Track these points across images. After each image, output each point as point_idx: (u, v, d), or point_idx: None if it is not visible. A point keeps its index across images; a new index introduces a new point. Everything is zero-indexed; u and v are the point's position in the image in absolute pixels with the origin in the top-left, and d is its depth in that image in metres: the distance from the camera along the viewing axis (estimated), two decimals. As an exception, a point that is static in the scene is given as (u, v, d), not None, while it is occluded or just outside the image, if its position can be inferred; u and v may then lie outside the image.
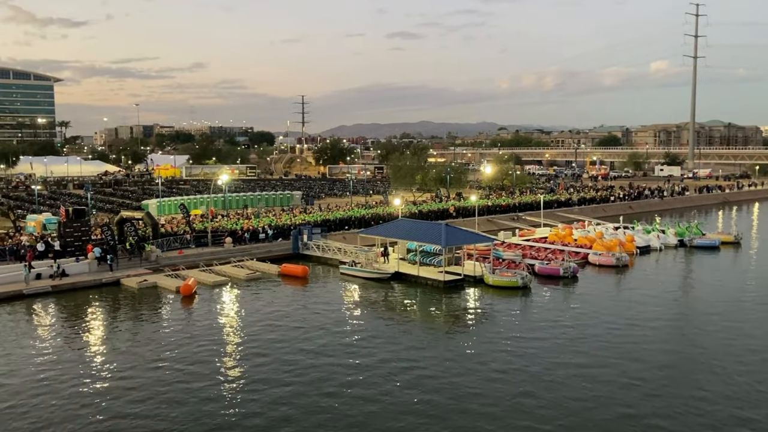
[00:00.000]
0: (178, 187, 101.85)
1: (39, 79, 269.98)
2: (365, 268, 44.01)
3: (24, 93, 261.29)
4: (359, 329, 31.55)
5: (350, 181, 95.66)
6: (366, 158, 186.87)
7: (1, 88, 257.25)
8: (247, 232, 52.63)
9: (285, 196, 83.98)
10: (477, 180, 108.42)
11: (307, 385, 24.05)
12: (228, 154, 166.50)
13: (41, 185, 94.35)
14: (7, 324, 33.26)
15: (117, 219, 50.44)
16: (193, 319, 33.89)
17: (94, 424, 20.82)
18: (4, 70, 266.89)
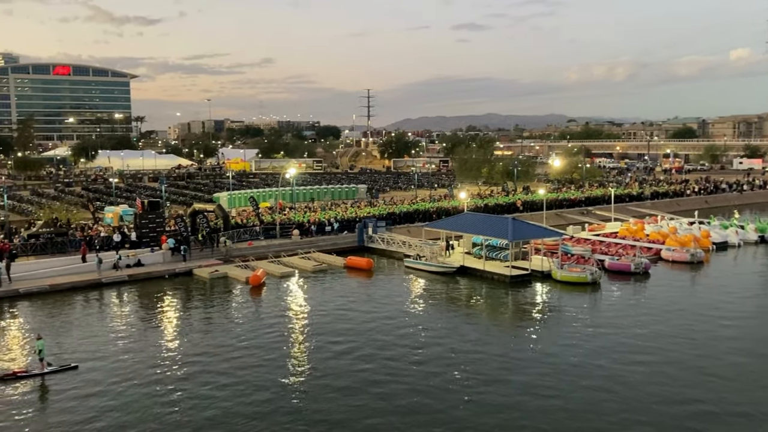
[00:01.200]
0: (247, 181, 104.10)
1: (116, 76, 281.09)
2: (430, 261, 43.95)
3: (102, 89, 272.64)
4: (424, 322, 31.56)
5: (415, 174, 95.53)
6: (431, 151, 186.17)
7: (81, 85, 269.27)
8: (313, 225, 53.39)
9: (350, 189, 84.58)
10: (545, 173, 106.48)
11: (371, 374, 24.23)
12: (295, 148, 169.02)
13: (118, 178, 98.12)
14: (86, 310, 34.92)
15: (190, 211, 52.06)
16: (261, 309, 34.66)
17: (168, 406, 21.59)
18: (84, 67, 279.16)
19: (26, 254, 43.22)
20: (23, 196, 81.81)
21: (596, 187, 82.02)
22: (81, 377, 24.48)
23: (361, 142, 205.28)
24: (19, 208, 70.44)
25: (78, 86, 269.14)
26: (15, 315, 34.00)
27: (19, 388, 23.53)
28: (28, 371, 24.77)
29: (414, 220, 58.34)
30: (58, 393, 23.10)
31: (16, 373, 24.58)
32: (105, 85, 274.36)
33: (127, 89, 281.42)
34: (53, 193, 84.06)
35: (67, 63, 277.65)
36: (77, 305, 35.88)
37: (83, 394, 22.81)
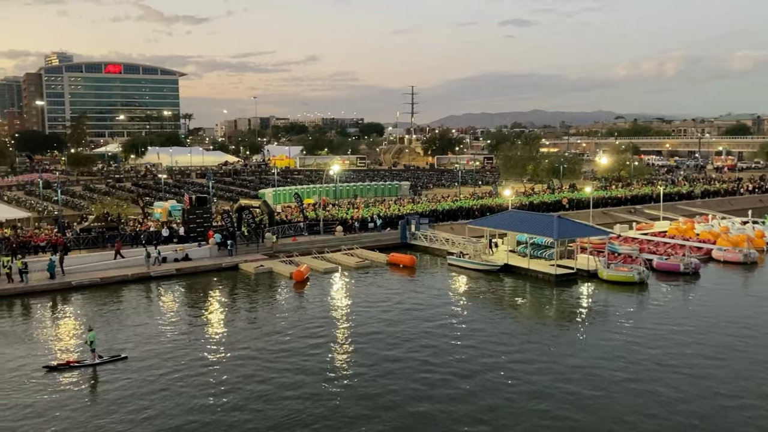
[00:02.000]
0: (292, 177, 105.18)
1: (165, 74, 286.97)
2: (473, 259, 43.68)
3: (152, 87, 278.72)
4: (467, 320, 31.40)
5: (459, 171, 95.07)
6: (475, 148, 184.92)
7: (131, 83, 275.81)
8: (356, 222, 53.64)
9: (393, 186, 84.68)
10: (592, 171, 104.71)
11: (412, 371, 24.22)
12: (339, 144, 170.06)
13: (167, 174, 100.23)
14: (136, 303, 35.81)
15: (236, 207, 52.88)
16: (305, 304, 34.99)
17: (213, 397, 21.99)
18: (134, 66, 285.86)
19: (79, 248, 44.53)
20: (76, 191, 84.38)
21: (644, 185, 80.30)
22: (130, 368, 25.11)
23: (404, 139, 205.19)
24: (72, 202, 72.62)
25: (128, 84, 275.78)
26: (68, 307, 35.09)
27: (71, 377, 24.27)
28: (80, 361, 25.53)
29: (457, 218, 58.09)
30: (108, 383, 23.76)
31: (69, 362, 25.36)
32: (154, 83, 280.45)
33: (176, 87, 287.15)
34: (104, 189, 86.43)
35: (118, 62, 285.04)
36: (127, 298, 36.82)
37: (132, 384, 23.40)
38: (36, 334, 30.02)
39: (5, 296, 36.26)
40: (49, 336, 29.78)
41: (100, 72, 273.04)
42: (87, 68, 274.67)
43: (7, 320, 32.51)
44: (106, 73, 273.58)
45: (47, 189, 75.90)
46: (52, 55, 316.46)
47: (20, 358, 26.32)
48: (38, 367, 25.05)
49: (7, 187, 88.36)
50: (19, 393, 22.68)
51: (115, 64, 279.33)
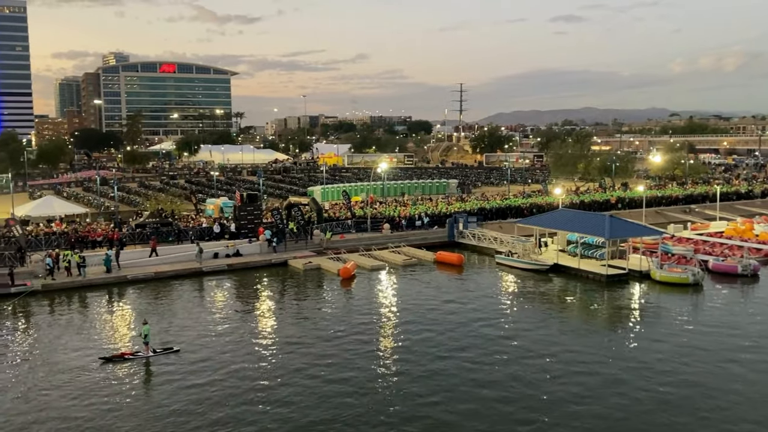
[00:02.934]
0: (340, 175, 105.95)
1: (217, 73, 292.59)
2: (522, 258, 43.21)
3: (204, 86, 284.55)
4: (516, 319, 31.11)
5: (508, 169, 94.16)
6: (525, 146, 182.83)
7: (185, 82, 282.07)
8: (404, 219, 53.66)
9: (441, 184, 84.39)
10: (645, 169, 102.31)
11: (459, 371, 24.11)
12: (387, 142, 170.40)
13: (219, 172, 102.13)
14: (188, 297, 36.66)
15: (286, 204, 53.56)
16: (352, 300, 35.21)
17: (261, 391, 22.35)
18: (188, 65, 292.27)
19: (134, 243, 45.77)
20: (132, 188, 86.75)
21: (700, 184, 78.04)
22: (182, 360, 25.72)
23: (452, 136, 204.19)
24: (128, 199, 74.70)
25: (182, 83, 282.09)
26: (123, 300, 36.14)
27: (126, 368, 24.99)
28: (134, 353, 26.27)
29: (506, 216, 57.55)
30: (160, 375, 24.38)
31: (124, 354, 26.13)
32: (207, 82, 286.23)
33: (228, 86, 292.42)
34: (159, 185, 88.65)
35: (172, 61, 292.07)
36: (180, 292, 37.70)
37: (183, 377, 23.95)
38: (93, 327, 31.01)
39: (64, 289, 37.57)
40: (105, 328, 30.73)
41: (154, 71, 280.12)
42: (142, 68, 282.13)
43: (66, 312, 33.69)
44: (160, 72, 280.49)
45: (104, 186, 78.26)
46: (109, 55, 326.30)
47: (78, 350, 27.23)
48: (95, 359, 25.87)
49: (66, 184, 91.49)
50: (77, 383, 23.46)
51: (169, 64, 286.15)
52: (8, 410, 21.25)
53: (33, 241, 43.50)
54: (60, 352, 26.97)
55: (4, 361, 26.08)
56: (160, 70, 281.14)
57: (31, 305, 34.48)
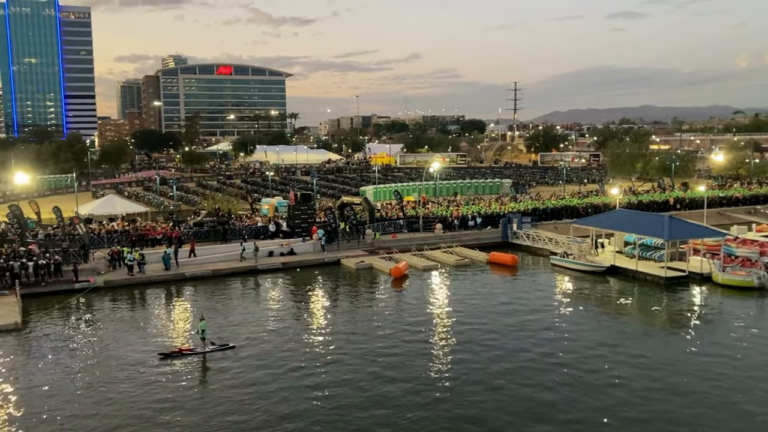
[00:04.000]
0: (392, 175, 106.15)
1: (273, 75, 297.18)
2: (578, 260, 42.41)
3: (260, 88, 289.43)
4: (572, 322, 30.55)
5: (563, 169, 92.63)
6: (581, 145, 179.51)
7: (241, 84, 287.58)
8: (456, 219, 53.37)
9: (495, 183, 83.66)
10: (707, 169, 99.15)
11: (512, 374, 23.82)
12: (440, 142, 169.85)
13: (274, 172, 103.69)
14: (244, 294, 37.36)
15: (338, 203, 53.96)
16: (404, 300, 35.21)
17: (315, 389, 22.56)
18: (244, 67, 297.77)
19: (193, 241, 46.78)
20: (190, 187, 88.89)
21: (766, 184, 75.07)
22: (238, 356, 26.18)
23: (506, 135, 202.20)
24: (186, 198, 76.58)
25: (238, 85, 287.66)
26: (181, 297, 37.04)
27: (184, 364, 25.59)
28: (191, 349, 26.88)
29: (561, 217, 56.62)
30: (217, 371, 24.87)
31: (182, 350, 26.76)
32: (263, 84, 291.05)
33: (283, 87, 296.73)
34: (216, 185, 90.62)
35: (229, 63, 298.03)
36: (235, 290, 38.43)
37: (240, 373, 24.38)
38: (152, 322, 31.89)
39: (125, 286, 38.75)
40: (164, 324, 31.55)
41: (212, 73, 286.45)
42: (200, 70, 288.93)
43: (127, 308, 34.74)
44: (217, 74, 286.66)
45: (163, 185, 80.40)
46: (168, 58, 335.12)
47: (138, 344, 28.04)
48: (154, 354, 26.57)
49: (127, 183, 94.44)
50: (138, 378, 24.14)
51: (226, 66, 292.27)
52: (72, 403, 22.02)
53: (96, 238, 45.01)
54: (121, 347, 27.81)
55: (68, 354, 27.06)
56: (217, 72, 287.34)
57: (93, 301, 35.69)
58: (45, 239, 43.56)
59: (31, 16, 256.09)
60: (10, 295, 34.72)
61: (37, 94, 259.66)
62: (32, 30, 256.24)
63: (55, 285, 37.42)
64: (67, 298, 35.50)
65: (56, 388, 23.26)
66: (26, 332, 30.06)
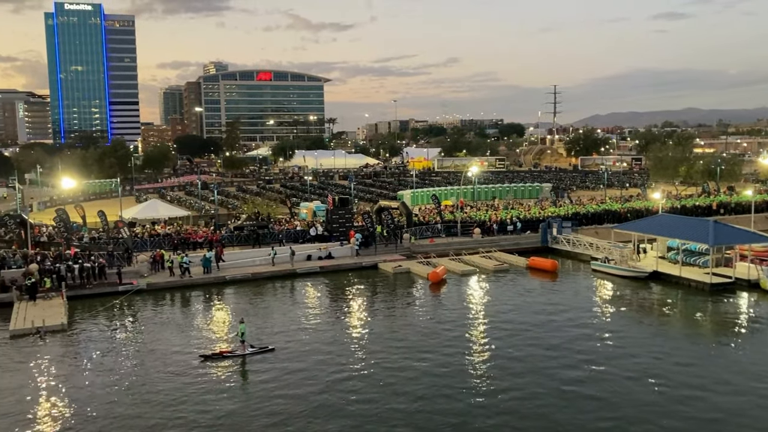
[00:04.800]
0: (430, 179, 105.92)
1: (312, 80, 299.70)
2: (620, 265, 41.67)
3: (299, 93, 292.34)
4: (612, 329, 30.00)
5: (604, 172, 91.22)
6: (622, 149, 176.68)
7: (280, 90, 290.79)
8: (495, 224, 52.95)
9: (534, 188, 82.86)
10: (754, 172, 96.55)
11: (551, 381, 23.49)
12: (478, 146, 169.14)
13: (312, 176, 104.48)
14: (282, 298, 37.70)
15: (376, 208, 54.04)
16: (442, 305, 35.06)
17: (351, 393, 22.59)
18: (283, 73, 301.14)
19: (232, 244, 47.48)
20: (230, 191, 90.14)
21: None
22: (277, 359, 26.39)
23: (546, 139, 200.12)
24: (227, 202, 77.61)
25: (278, 91, 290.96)
26: (221, 300, 37.52)
27: (224, 366, 25.89)
28: (232, 351, 27.19)
29: (602, 221, 55.71)
30: (257, 372, 25.10)
31: (222, 352, 27.08)
32: (301, 89, 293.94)
33: (321, 93, 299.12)
34: (255, 190, 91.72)
35: (268, 69, 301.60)
36: (275, 293, 38.78)
37: (279, 376, 24.55)
38: (193, 324, 32.36)
39: (167, 288, 39.43)
40: (205, 326, 31.99)
41: (252, 79, 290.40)
42: (240, 76, 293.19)
43: (168, 311, 35.35)
44: (257, 80, 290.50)
45: (205, 189, 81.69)
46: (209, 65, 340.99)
47: (179, 346, 28.48)
48: (195, 356, 26.96)
49: (169, 188, 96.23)
50: (179, 379, 24.50)
51: (265, 72, 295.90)
52: (114, 404, 22.44)
53: (139, 242, 45.94)
54: (162, 348, 28.28)
55: (112, 355, 27.63)
56: (257, 78, 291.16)
57: (136, 303, 36.40)
58: (90, 242, 44.63)
59: (78, 25, 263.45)
60: (57, 297, 35.65)
61: (83, 101, 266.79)
62: (79, 39, 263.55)
63: (99, 287, 38.32)
64: (111, 300, 36.28)
65: (99, 388, 23.75)
66: (72, 333, 30.82)
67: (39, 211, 71.32)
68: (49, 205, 76.25)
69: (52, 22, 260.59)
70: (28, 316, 32.09)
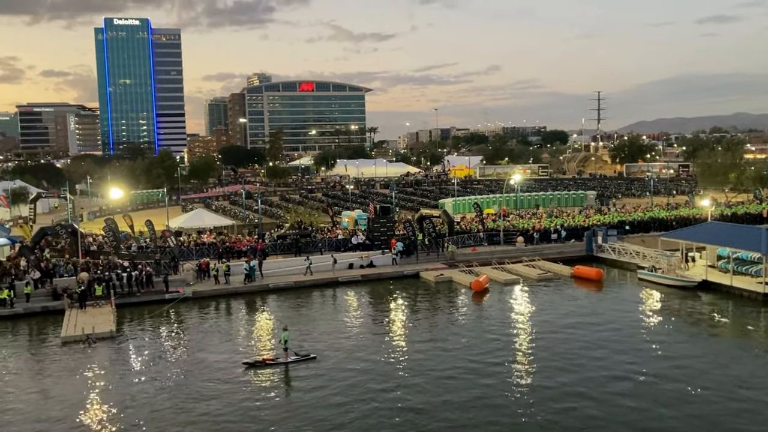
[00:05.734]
0: (471, 187, 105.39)
1: (353, 90, 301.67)
2: (667, 274, 40.70)
3: (340, 103, 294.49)
4: (660, 341, 29.28)
5: (650, 179, 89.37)
6: (669, 155, 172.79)
7: (322, 100, 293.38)
8: (538, 232, 52.32)
9: (578, 195, 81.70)
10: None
11: (598, 393, 23.03)
12: (520, 153, 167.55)
13: (353, 185, 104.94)
14: (325, 306, 37.91)
15: (417, 216, 53.96)
16: (484, 314, 34.75)
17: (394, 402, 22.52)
18: (325, 83, 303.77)
19: (275, 253, 47.97)
20: (273, 201, 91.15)
21: None
22: (319, 367, 26.48)
23: (590, 146, 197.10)
24: (270, 212, 78.53)
25: (320, 101, 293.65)
26: (264, 308, 37.90)
27: (267, 374, 26.11)
28: (275, 359, 27.41)
29: (649, 229, 54.59)
30: (299, 380, 25.24)
31: (266, 360, 27.33)
32: (343, 99, 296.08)
33: (362, 102, 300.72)
34: (298, 199, 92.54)
35: (310, 80, 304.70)
36: (317, 301, 39.01)
37: (321, 384, 24.64)
38: (237, 332, 32.76)
39: (212, 296, 40.03)
40: (248, 334, 32.34)
41: (294, 90, 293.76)
42: (283, 87, 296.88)
43: (213, 318, 35.86)
44: (300, 91, 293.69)
45: (249, 199, 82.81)
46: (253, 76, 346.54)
47: (224, 354, 28.82)
48: (239, 364, 27.24)
49: (214, 198, 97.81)
50: (223, 388, 24.77)
51: (308, 83, 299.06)
52: (161, 411, 22.82)
53: (185, 251, 46.77)
54: (207, 355, 28.66)
55: (158, 362, 28.13)
56: (299, 89, 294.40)
57: (182, 311, 37.02)
58: (138, 251, 45.65)
59: (126, 39, 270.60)
60: (106, 305, 36.52)
61: (131, 113, 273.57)
62: (127, 53, 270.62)
63: (146, 295, 39.12)
64: (158, 308, 36.97)
65: (146, 395, 24.18)
66: (120, 340, 31.51)
67: (89, 220, 73.24)
68: (99, 214, 78.24)
69: (102, 37, 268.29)
70: (78, 324, 32.95)
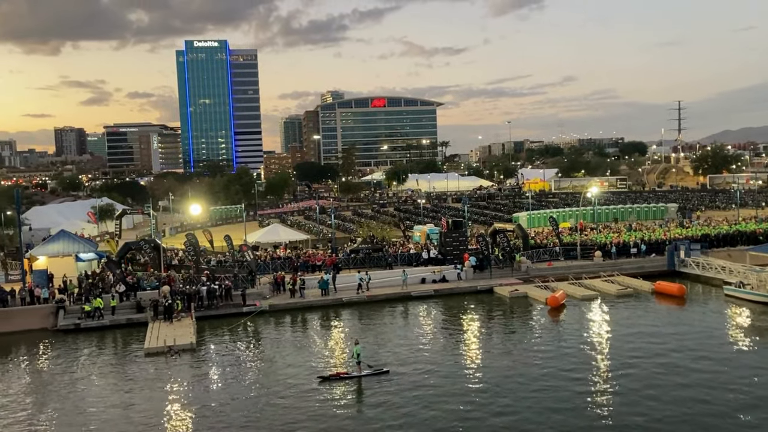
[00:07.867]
0: (546, 200, 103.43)
1: (424, 105, 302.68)
2: (757, 290, 38.64)
3: (412, 118, 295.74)
4: (747, 362, 27.78)
5: (737, 191, 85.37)
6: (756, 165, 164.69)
7: (394, 115, 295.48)
8: (616, 247, 50.75)
9: (658, 208, 78.92)
10: None
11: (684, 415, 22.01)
12: (597, 166, 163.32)
13: (425, 199, 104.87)
14: (397, 320, 37.92)
15: (490, 230, 53.34)
16: (562, 331, 33.89)
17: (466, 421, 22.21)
18: (397, 99, 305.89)
19: (348, 267, 48.39)
20: (346, 215, 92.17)
21: None
22: (392, 382, 26.46)
23: (670, 157, 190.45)
24: (343, 226, 79.41)
25: (391, 116, 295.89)
26: (337, 321, 38.25)
27: (341, 387, 26.28)
28: (348, 373, 27.57)
29: (736, 243, 52.07)
30: (373, 395, 25.27)
31: (339, 374, 27.52)
32: (414, 114, 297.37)
33: (434, 116, 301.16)
34: (370, 213, 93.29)
35: (382, 96, 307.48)
36: (390, 315, 39.06)
37: (393, 399, 24.60)
38: (312, 345, 33.16)
39: (287, 309, 40.73)
40: (322, 347, 32.67)
41: (366, 106, 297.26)
42: (356, 104, 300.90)
43: (289, 331, 36.46)
44: (372, 107, 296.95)
45: (322, 214, 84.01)
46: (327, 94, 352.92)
47: (299, 368, 29.19)
48: (314, 377, 27.53)
49: (290, 213, 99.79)
50: (299, 402, 25.01)
51: (379, 99, 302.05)
52: (238, 423, 23.33)
53: (261, 265, 47.82)
54: (283, 368, 29.13)
55: (236, 375, 28.79)
56: (371, 105, 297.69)
57: (259, 323, 37.82)
58: (217, 266, 47.01)
59: (206, 61, 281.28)
60: (187, 318, 37.72)
61: (210, 131, 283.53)
62: (206, 74, 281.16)
63: (225, 308, 40.21)
64: (236, 321, 37.89)
65: (224, 407, 24.75)
66: (199, 352, 32.44)
67: (171, 236, 76.11)
68: (180, 230, 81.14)
69: (183, 59, 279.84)
70: (160, 336, 34.15)
